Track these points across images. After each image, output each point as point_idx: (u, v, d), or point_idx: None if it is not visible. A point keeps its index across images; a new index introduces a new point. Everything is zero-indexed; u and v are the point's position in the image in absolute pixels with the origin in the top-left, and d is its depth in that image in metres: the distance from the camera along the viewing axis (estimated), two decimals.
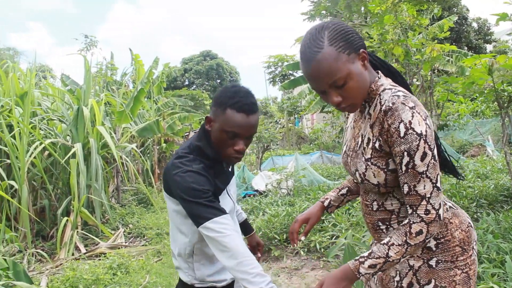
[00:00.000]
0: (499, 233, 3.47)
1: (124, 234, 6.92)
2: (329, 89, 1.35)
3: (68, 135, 7.77)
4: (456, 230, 1.45)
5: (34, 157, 6.40)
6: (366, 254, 1.35)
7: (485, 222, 3.99)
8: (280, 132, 20.14)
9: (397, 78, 1.54)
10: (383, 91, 1.40)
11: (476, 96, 7.54)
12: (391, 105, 1.31)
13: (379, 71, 1.49)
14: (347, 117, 1.71)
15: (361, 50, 1.35)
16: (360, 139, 1.47)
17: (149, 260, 5.49)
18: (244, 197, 8.74)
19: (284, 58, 24.33)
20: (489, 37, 25.66)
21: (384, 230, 1.49)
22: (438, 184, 1.31)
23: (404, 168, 1.30)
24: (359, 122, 1.53)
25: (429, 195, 1.29)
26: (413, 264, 1.44)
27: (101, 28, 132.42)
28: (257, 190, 8.88)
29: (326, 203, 1.81)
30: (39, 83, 10.61)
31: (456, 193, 5.86)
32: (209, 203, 1.59)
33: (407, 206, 1.34)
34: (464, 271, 1.42)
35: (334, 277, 1.37)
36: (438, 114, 4.31)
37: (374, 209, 1.50)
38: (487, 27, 25.75)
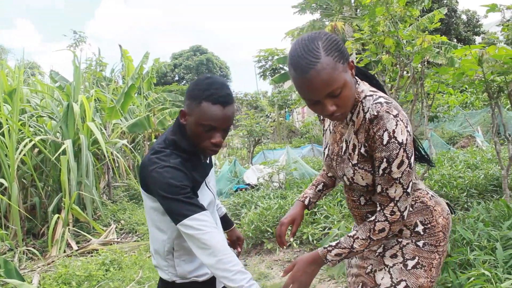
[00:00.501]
0: (489, 221, 3.49)
1: (116, 230, 6.89)
2: (325, 99, 1.36)
3: (58, 131, 7.71)
4: (440, 216, 1.57)
5: (24, 155, 6.34)
6: (334, 244, 1.50)
7: (475, 211, 4.02)
8: (271, 126, 20.14)
9: (372, 81, 1.61)
10: (364, 98, 1.47)
11: (466, 88, 7.58)
12: (376, 113, 1.38)
13: (356, 77, 1.54)
14: (323, 120, 1.75)
15: (350, 59, 1.40)
16: (344, 145, 1.55)
17: (142, 256, 5.48)
18: (236, 191, 8.73)
19: (274, 52, 24.33)
20: (478, 29, 25.82)
21: None
22: (409, 190, 1.43)
23: (381, 172, 1.41)
24: (339, 127, 1.60)
25: (397, 199, 1.43)
26: (401, 241, 1.56)
27: (89, 24, 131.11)
28: (249, 184, 8.88)
29: (306, 202, 1.88)
30: (27, 80, 10.51)
31: (447, 183, 5.90)
32: (187, 199, 1.55)
33: (377, 203, 1.48)
34: (440, 256, 1.56)
35: (304, 261, 1.52)
36: (429, 105, 4.33)
37: (362, 203, 1.62)
38: (476, 19, 25.90)
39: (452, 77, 4.14)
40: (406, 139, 1.37)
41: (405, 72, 4.25)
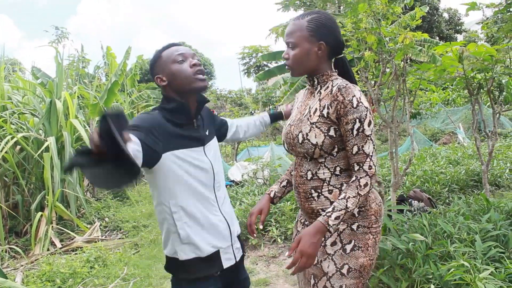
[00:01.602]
0: (469, 215, 3.57)
1: (100, 228, 6.85)
2: (287, 45, 1.77)
3: (40, 128, 7.61)
4: (373, 202, 1.77)
5: (6, 152, 6.26)
6: (330, 209, 1.61)
7: (456, 205, 4.11)
8: None
9: (350, 79, 1.86)
10: (335, 79, 1.77)
11: (447, 85, 7.70)
12: (345, 85, 1.67)
13: (336, 69, 1.84)
14: (294, 104, 2.02)
15: (321, 41, 1.71)
16: (306, 110, 1.78)
17: (127, 253, 5.46)
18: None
19: (259, 49, 24.33)
20: (459, 27, 26.18)
21: (315, 198, 1.77)
22: (375, 148, 1.68)
23: (355, 132, 1.62)
24: (306, 102, 1.85)
25: (371, 154, 1.64)
26: (338, 227, 1.74)
27: (71, 20, 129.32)
28: (233, 181, 8.88)
29: (272, 194, 2.06)
30: (8, 77, 10.34)
31: (429, 179, 6.00)
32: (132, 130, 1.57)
33: (354, 164, 1.65)
34: (374, 237, 1.75)
35: (309, 233, 1.60)
36: (411, 101, 4.39)
37: (308, 178, 1.77)
38: (458, 17, 26.26)
39: (433, 74, 4.20)
40: (369, 106, 1.64)
41: (387, 69, 4.31)
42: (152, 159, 1.68)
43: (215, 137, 2.03)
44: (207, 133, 1.94)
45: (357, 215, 1.74)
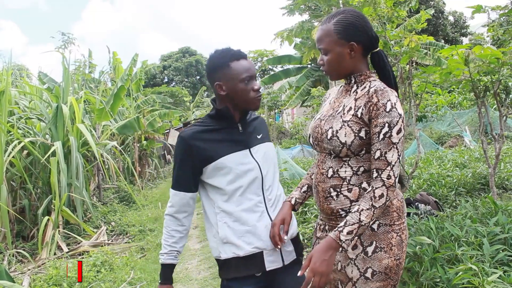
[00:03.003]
0: (476, 218, 3.55)
1: (106, 232, 6.87)
2: (320, 51, 1.75)
3: (47, 133, 7.66)
4: (394, 199, 1.70)
5: (13, 157, 6.30)
6: (342, 224, 1.57)
7: (463, 208, 4.08)
8: None
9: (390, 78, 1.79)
10: (374, 80, 1.73)
11: (453, 88, 7.67)
12: (382, 87, 1.62)
13: (374, 71, 1.80)
14: (326, 98, 1.98)
15: (352, 42, 1.67)
16: (340, 108, 1.73)
17: (133, 257, 5.48)
18: None
19: (264, 53, 24.34)
20: (465, 30, 26.11)
21: (334, 197, 1.71)
22: (400, 158, 1.61)
23: (382, 136, 1.57)
24: (340, 99, 1.80)
25: (393, 163, 1.57)
26: None
27: (75, 26, 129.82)
28: None
29: (293, 202, 1.96)
30: (15, 82, 10.42)
31: (436, 182, 5.97)
32: (174, 171, 1.95)
33: (373, 170, 1.60)
34: (398, 234, 1.67)
35: (320, 250, 1.56)
36: (417, 104, 4.38)
37: (329, 176, 1.72)
38: (463, 20, 26.19)
39: (439, 77, 4.20)
40: (403, 115, 1.59)
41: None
42: (196, 181, 1.94)
43: (269, 143, 2.07)
44: (258, 136, 2.00)
45: None
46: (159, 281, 1.97)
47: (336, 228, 1.57)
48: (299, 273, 1.59)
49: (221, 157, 1.85)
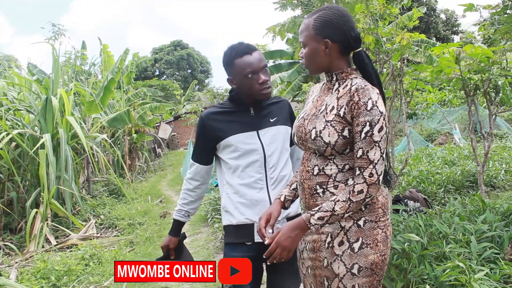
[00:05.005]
0: (465, 216, 3.58)
1: (95, 225, 6.84)
2: (301, 44, 1.78)
3: (36, 125, 7.59)
4: (379, 195, 1.72)
5: (1, 149, 6.23)
6: (316, 208, 1.61)
7: (452, 206, 4.11)
8: None
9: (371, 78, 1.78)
10: (355, 77, 1.73)
11: (444, 86, 7.71)
12: (363, 85, 1.63)
13: (355, 68, 1.80)
14: (309, 96, 1.98)
15: (326, 39, 1.69)
16: (323, 107, 1.74)
17: (122, 250, 5.46)
18: (217, 185, 8.71)
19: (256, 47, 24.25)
20: (456, 28, 26.23)
21: (320, 194, 1.72)
22: (384, 156, 1.62)
23: (363, 135, 1.58)
24: (323, 97, 1.81)
25: (376, 161, 1.58)
26: (344, 225, 1.68)
27: (64, 17, 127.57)
28: None
29: (282, 199, 1.95)
30: (4, 73, 10.30)
31: (425, 179, 6.02)
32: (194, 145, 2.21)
33: (356, 168, 1.62)
34: (383, 230, 1.69)
35: (289, 227, 1.63)
36: (408, 102, 4.40)
37: (315, 173, 1.73)
38: (455, 18, 26.31)
39: (430, 75, 4.21)
40: (385, 113, 1.60)
41: (384, 69, 4.31)
42: (211, 154, 2.19)
43: (283, 126, 2.18)
44: (271, 120, 2.14)
45: (363, 209, 1.69)
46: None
47: (310, 211, 1.62)
48: (266, 242, 1.66)
49: (229, 136, 2.07)
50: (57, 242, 5.98)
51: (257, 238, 2.02)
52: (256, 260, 2.04)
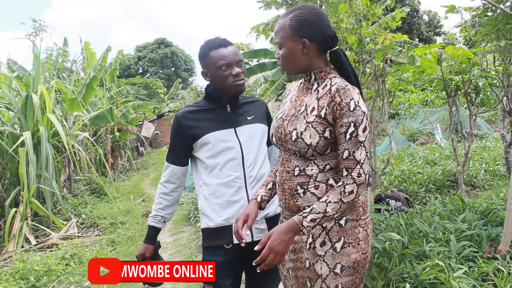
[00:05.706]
0: (445, 215, 3.62)
1: (76, 225, 6.75)
2: (277, 45, 1.74)
3: (16, 123, 7.46)
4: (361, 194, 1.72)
5: None
6: (308, 210, 1.58)
7: (432, 205, 4.16)
8: None
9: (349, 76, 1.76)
10: (334, 77, 1.71)
11: (426, 86, 7.80)
12: (344, 85, 1.61)
13: (335, 70, 1.76)
14: (287, 95, 1.96)
15: (304, 39, 1.66)
16: (303, 108, 1.71)
17: (103, 250, 5.40)
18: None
19: (240, 46, 24.18)
20: (439, 29, 26.57)
21: (301, 195, 1.70)
22: (368, 155, 1.62)
23: (348, 136, 1.57)
24: (301, 97, 1.78)
25: (362, 161, 1.59)
26: (326, 225, 1.67)
27: (46, 13, 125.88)
28: None
29: (259, 199, 1.93)
30: None
31: (407, 178, 6.08)
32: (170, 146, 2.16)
33: (343, 169, 1.61)
34: (364, 229, 1.70)
35: (281, 230, 1.59)
36: (390, 102, 4.43)
37: (296, 174, 1.71)
38: (437, 19, 26.64)
39: (412, 75, 4.25)
40: (367, 112, 1.60)
41: (367, 69, 4.34)
42: (187, 155, 2.14)
43: (260, 124, 2.16)
44: (248, 118, 2.12)
45: None
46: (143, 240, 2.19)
47: (301, 213, 1.59)
48: (256, 248, 1.60)
49: (206, 134, 2.03)
50: (37, 241, 5.89)
51: (236, 240, 1.95)
52: (236, 262, 2.03)
